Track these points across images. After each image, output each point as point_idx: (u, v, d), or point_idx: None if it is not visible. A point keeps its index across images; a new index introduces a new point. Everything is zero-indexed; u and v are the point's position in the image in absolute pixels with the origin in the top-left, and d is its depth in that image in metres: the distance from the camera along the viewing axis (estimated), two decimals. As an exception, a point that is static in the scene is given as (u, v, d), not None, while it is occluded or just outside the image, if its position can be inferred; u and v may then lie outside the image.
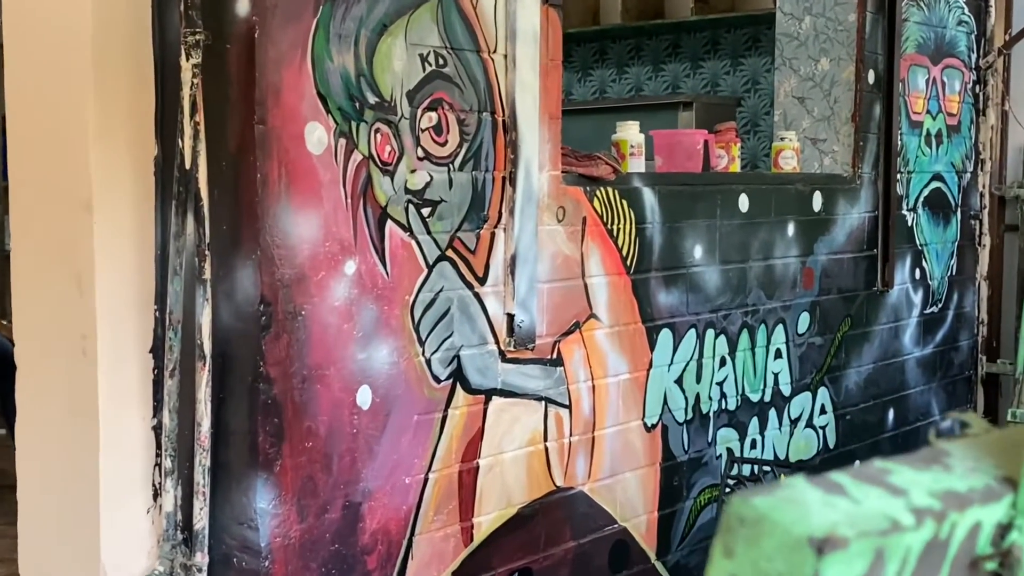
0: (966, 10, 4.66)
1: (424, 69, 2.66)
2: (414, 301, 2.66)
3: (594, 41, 6.00)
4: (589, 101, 5.88)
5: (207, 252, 2.36)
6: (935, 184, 4.54)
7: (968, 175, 4.77)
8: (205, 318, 2.37)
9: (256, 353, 2.36)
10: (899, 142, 4.26)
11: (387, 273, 2.59)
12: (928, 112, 4.47)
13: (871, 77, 4.14)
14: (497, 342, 2.86)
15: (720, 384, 3.58)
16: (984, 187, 4.85)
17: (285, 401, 2.41)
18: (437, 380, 2.72)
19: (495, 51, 2.83)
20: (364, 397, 2.55)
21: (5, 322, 3.89)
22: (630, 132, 3.45)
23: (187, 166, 2.35)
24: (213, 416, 2.40)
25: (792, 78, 4.24)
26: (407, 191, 2.64)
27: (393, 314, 2.61)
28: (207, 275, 2.36)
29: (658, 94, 5.78)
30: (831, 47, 4.14)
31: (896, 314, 4.35)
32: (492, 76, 2.82)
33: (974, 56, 4.74)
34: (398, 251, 2.62)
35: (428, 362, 2.70)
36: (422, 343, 2.68)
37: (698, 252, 3.45)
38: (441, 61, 2.70)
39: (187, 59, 2.31)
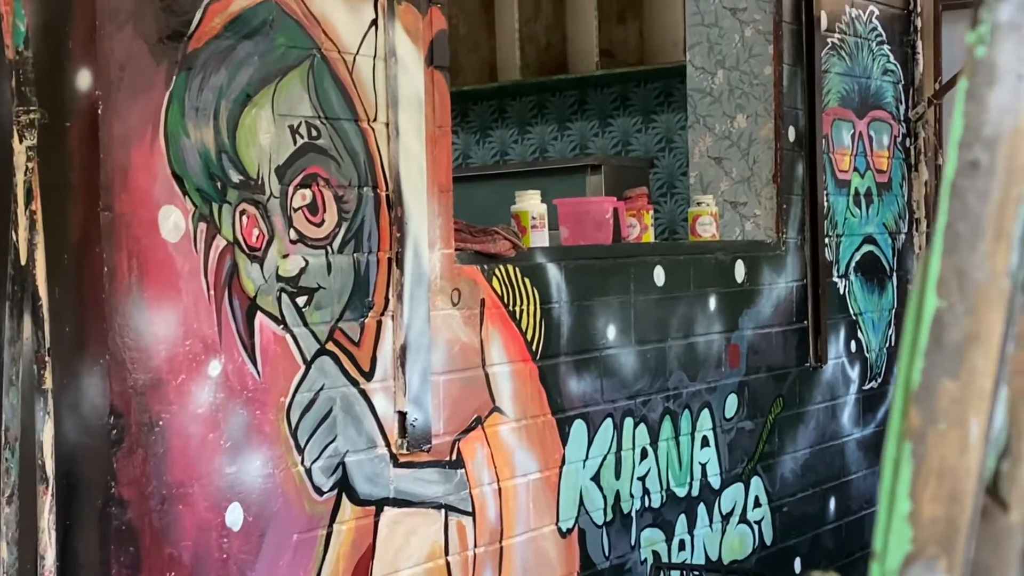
0: (891, 58, 4.84)
1: (295, 142, 2.67)
2: (290, 403, 2.64)
3: (492, 99, 6.09)
4: (489, 166, 5.95)
5: (48, 359, 2.32)
6: (867, 247, 4.67)
7: (902, 236, 4.92)
8: (47, 434, 2.32)
9: (107, 473, 2.31)
10: (825, 203, 4.38)
11: (258, 373, 2.57)
12: (855, 170, 4.61)
13: (792, 134, 4.26)
14: (388, 445, 2.84)
15: (642, 479, 3.60)
16: (920, 248, 5.00)
17: (142, 526, 2.36)
18: (319, 492, 2.69)
19: (375, 119, 2.85)
20: (234, 516, 2.51)
21: None
22: (531, 202, 3.49)
23: (23, 261, 2.31)
24: (59, 547, 2.34)
25: (707, 137, 4.35)
26: (279, 279, 2.63)
27: (266, 419, 2.58)
28: (48, 385, 2.32)
29: (564, 155, 5.87)
30: (747, 103, 4.26)
31: (832, 392, 4.44)
32: (373, 147, 2.84)
33: (903, 107, 4.92)
34: (270, 347, 2.60)
35: (308, 472, 2.67)
36: (301, 451, 2.65)
37: (611, 332, 3.49)
38: (314, 132, 2.71)
39: (20, 141, 2.29)
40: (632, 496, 3.56)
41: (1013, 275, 0.76)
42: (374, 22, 2.85)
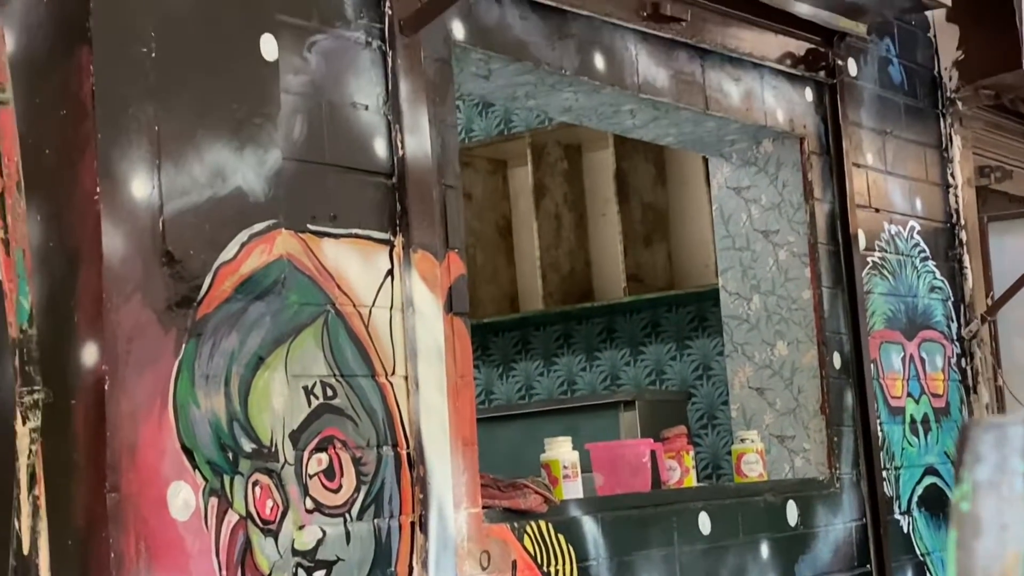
0: (938, 274, 4.94)
1: (310, 403, 2.75)
2: None
3: (514, 330, 6.20)
4: (514, 404, 6.01)
5: (50, 655, 2.34)
6: (929, 479, 4.67)
7: (967, 463, 4.91)
8: None
9: None
10: (880, 433, 4.41)
11: (275, 658, 2.58)
12: (909, 395, 4.65)
13: (837, 360, 4.33)
14: None
15: None
16: (988, 476, 4.99)
17: None
18: None
19: (393, 373, 2.94)
20: None
21: None
22: (561, 451, 3.53)
23: (25, 551, 2.36)
24: None
25: (747, 366, 4.42)
26: (295, 552, 2.66)
27: None
28: None
29: (594, 386, 5.94)
30: (787, 329, 4.35)
31: (903, 642, 4.37)
32: (392, 402, 2.92)
33: (954, 325, 4.99)
34: (287, 629, 2.62)
35: None
36: None
37: (656, 589, 3.48)
38: (330, 392, 2.80)
39: (24, 423, 2.36)
40: None
41: None
42: (389, 272, 2.97)
